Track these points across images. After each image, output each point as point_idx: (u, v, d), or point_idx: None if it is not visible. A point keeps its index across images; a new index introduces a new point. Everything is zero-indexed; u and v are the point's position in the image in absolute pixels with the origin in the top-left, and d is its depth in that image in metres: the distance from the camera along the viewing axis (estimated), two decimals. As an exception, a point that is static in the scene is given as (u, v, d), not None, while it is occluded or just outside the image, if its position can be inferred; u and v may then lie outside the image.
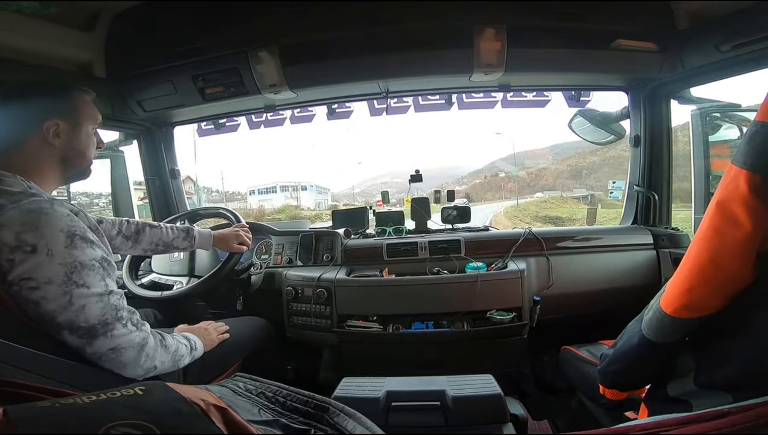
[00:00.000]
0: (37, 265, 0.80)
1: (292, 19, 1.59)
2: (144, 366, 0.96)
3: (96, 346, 0.88)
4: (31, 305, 0.81)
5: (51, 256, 0.81)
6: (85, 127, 1.04)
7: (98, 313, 0.87)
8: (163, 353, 1.03)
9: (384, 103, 2.16)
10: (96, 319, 0.87)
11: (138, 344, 0.95)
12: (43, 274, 0.80)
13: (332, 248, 1.97)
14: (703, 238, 0.69)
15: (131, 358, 0.93)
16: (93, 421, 0.31)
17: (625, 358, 0.91)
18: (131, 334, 0.94)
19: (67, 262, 0.83)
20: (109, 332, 0.89)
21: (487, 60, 1.61)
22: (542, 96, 2.15)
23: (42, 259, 0.80)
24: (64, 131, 0.98)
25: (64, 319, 0.83)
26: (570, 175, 35.11)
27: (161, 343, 1.03)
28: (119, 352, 0.91)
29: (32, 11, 1.31)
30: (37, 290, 0.80)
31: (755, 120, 0.64)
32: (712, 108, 1.89)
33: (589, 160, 39.70)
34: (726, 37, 1.40)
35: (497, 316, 1.64)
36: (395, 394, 0.84)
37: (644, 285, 1.83)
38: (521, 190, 39.80)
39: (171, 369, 1.07)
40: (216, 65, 1.68)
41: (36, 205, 0.83)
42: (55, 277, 0.81)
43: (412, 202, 2.18)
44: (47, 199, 0.88)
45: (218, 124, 2.30)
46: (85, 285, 0.85)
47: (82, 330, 0.85)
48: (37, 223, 0.81)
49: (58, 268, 0.82)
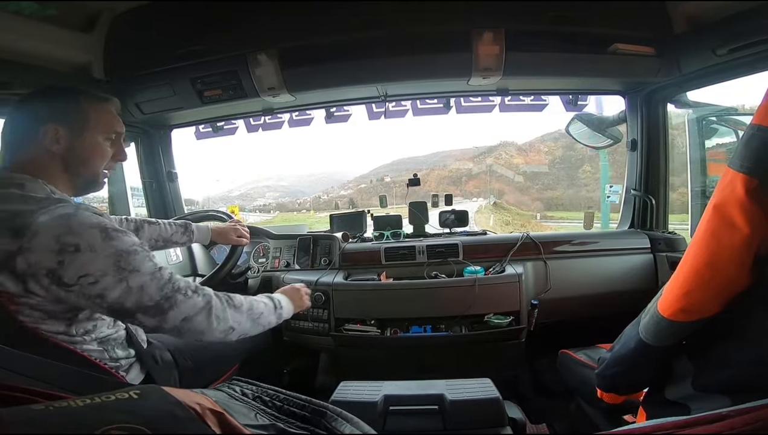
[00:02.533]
0: (87, 262, 0.82)
1: (291, 23, 1.59)
2: (219, 329, 0.98)
3: (170, 321, 0.91)
4: (98, 300, 0.84)
5: (94, 251, 0.83)
6: (91, 135, 1.00)
7: (157, 290, 0.90)
8: (234, 313, 1.03)
9: (382, 107, 2.16)
10: (158, 296, 0.89)
11: (203, 308, 0.96)
12: (96, 268, 0.83)
13: (330, 252, 1.96)
14: (700, 242, 0.69)
15: (203, 322, 0.96)
16: (87, 425, 0.31)
17: (622, 362, 0.90)
18: (193, 299, 0.95)
19: (111, 253, 0.85)
20: (174, 304, 0.92)
21: (485, 64, 1.61)
22: (540, 100, 2.16)
23: (88, 256, 0.82)
24: (64, 137, 0.96)
25: (131, 303, 0.86)
26: (451, 182, 35.63)
27: (228, 302, 1.03)
28: (190, 320, 0.94)
29: (31, 12, 1.31)
30: (97, 284, 0.83)
31: (752, 123, 0.64)
32: (708, 112, 1.90)
33: (468, 167, 40.47)
34: (722, 41, 1.41)
35: (495, 320, 1.64)
36: (393, 398, 0.84)
37: (641, 289, 1.83)
38: (405, 196, 40.91)
39: (254, 329, 1.09)
40: (215, 68, 1.68)
41: (63, 211, 0.84)
42: (106, 268, 0.84)
43: (410, 207, 2.18)
44: (72, 204, 0.89)
45: (216, 127, 2.30)
46: (135, 269, 0.87)
47: (151, 309, 0.89)
48: (69, 226, 0.82)
49: (106, 260, 0.84)
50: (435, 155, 54.09)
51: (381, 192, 40.56)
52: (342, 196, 40.08)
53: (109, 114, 1.04)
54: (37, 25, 1.37)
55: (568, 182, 32.95)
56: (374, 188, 41.11)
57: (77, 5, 1.50)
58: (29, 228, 0.80)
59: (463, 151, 53.81)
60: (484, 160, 41.74)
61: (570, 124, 2.17)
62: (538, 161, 38.01)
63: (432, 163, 48.60)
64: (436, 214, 2.23)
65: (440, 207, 2.23)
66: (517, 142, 43.90)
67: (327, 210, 28.42)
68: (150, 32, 1.63)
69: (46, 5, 1.33)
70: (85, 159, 1.00)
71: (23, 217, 0.81)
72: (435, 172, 44.62)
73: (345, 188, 44.04)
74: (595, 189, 30.64)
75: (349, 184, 45.03)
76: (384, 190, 41.16)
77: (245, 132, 2.35)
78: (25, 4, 1.28)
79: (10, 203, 0.84)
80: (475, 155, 45.37)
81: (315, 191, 44.22)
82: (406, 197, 2.21)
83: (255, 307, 1.10)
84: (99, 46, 1.63)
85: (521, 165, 37.82)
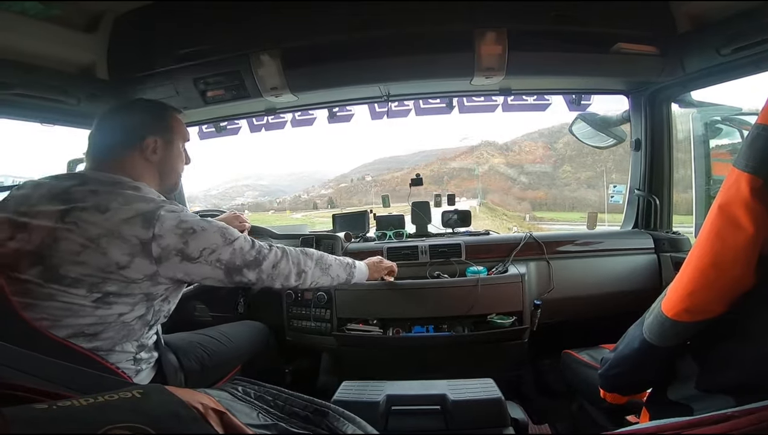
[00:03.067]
0: (203, 238, 1.01)
1: (294, 23, 1.59)
2: (294, 272, 1.19)
3: (265, 270, 1.12)
4: (218, 263, 1.04)
5: (205, 230, 1.02)
6: (177, 145, 1.18)
7: (250, 249, 1.10)
8: (305, 258, 1.23)
9: (385, 107, 2.16)
10: (254, 252, 1.11)
11: (282, 255, 1.17)
12: (210, 241, 1.02)
13: (333, 252, 1.96)
14: (705, 242, 0.68)
15: (286, 267, 1.17)
16: (90, 424, 0.31)
17: (626, 362, 0.90)
18: (273, 250, 1.16)
19: (214, 229, 1.05)
20: (263, 257, 1.12)
21: (488, 64, 1.61)
22: (543, 100, 2.15)
23: (203, 234, 1.01)
24: (160, 148, 1.12)
25: (240, 261, 1.07)
26: (432, 181, 35.66)
27: (300, 251, 1.24)
28: (277, 266, 1.15)
29: (35, 13, 1.32)
30: (216, 252, 1.03)
31: (756, 123, 0.64)
32: (712, 111, 1.89)
33: (450, 167, 40.38)
34: (726, 41, 1.40)
35: (498, 320, 1.63)
36: (395, 398, 0.84)
37: (645, 289, 1.82)
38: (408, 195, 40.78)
39: (323, 279, 1.29)
40: (217, 68, 1.68)
41: (174, 207, 1.01)
42: (217, 239, 1.04)
43: (412, 207, 2.17)
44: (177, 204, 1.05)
45: (219, 127, 2.31)
46: (234, 236, 1.08)
47: (252, 263, 1.09)
48: (182, 217, 1.00)
49: (214, 234, 1.04)
50: (417, 154, 53.91)
51: (362, 191, 40.33)
52: (323, 195, 39.73)
53: (182, 124, 1.21)
54: (40, 26, 1.37)
55: (548, 182, 32.79)
56: (355, 187, 40.98)
57: (81, 6, 1.51)
58: (158, 219, 0.95)
59: (445, 150, 53.51)
60: (465, 158, 41.64)
61: (573, 124, 2.17)
62: (518, 161, 37.95)
63: (414, 163, 48.47)
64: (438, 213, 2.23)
65: (443, 207, 2.22)
66: (498, 141, 43.71)
67: (305, 210, 28.31)
68: (153, 32, 1.64)
69: (50, 6, 1.34)
70: (174, 166, 1.18)
71: (151, 212, 0.96)
72: (416, 171, 44.76)
73: (326, 187, 43.89)
74: (576, 189, 30.45)
75: (330, 183, 44.86)
76: (364, 189, 41.01)
77: (248, 132, 2.35)
78: (29, 5, 1.28)
79: (136, 202, 0.97)
80: (457, 154, 45.23)
81: (296, 190, 43.77)
82: (408, 197, 2.21)
83: (325, 258, 1.29)
84: (102, 46, 1.63)
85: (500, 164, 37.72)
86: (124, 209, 0.95)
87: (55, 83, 1.53)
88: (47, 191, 0.98)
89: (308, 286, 1.25)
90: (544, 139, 37.42)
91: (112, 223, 0.92)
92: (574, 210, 25.94)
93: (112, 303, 0.94)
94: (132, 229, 0.93)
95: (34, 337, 0.85)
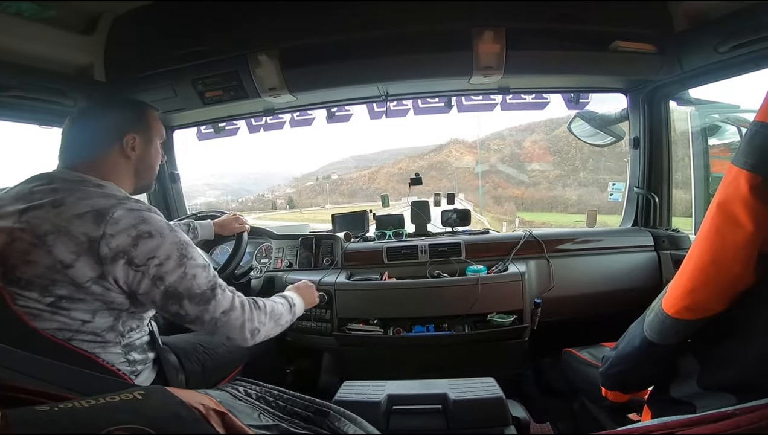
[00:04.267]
0: (157, 246, 0.94)
1: (292, 23, 1.59)
2: (248, 329, 1.06)
3: (211, 310, 1.00)
4: (158, 281, 0.94)
5: (164, 237, 0.95)
6: (155, 142, 1.15)
7: (205, 281, 1.00)
8: (260, 314, 1.11)
9: (383, 106, 2.16)
10: (205, 286, 1.00)
11: (239, 305, 1.06)
12: (163, 252, 0.94)
13: (332, 252, 1.97)
14: (705, 240, 0.68)
15: (239, 319, 1.04)
16: (92, 425, 0.31)
17: (627, 360, 0.90)
18: (232, 296, 1.06)
19: (176, 242, 0.97)
20: (217, 296, 1.02)
21: (486, 62, 1.60)
22: (541, 98, 2.15)
23: (159, 241, 0.94)
24: (138, 145, 1.09)
25: (183, 288, 0.97)
26: (401, 179, 35.21)
27: (254, 304, 1.11)
28: (229, 313, 1.03)
29: (31, 14, 1.31)
30: (162, 266, 0.94)
31: (755, 120, 0.64)
32: (711, 109, 1.89)
33: (418, 165, 40.18)
34: (724, 39, 1.40)
35: (498, 319, 1.63)
36: (396, 398, 0.84)
37: (645, 287, 1.82)
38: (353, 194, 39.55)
39: (275, 330, 1.16)
40: (216, 69, 1.68)
41: (138, 206, 0.96)
42: (171, 253, 0.96)
43: (412, 206, 2.18)
44: (145, 203, 1.01)
45: (218, 127, 2.31)
46: (192, 258, 0.99)
47: (198, 297, 0.99)
48: (144, 217, 0.94)
49: (172, 246, 0.96)
50: (385, 153, 53.47)
51: (328, 189, 39.79)
52: (287, 194, 39.07)
53: (159, 121, 1.18)
54: (37, 27, 1.37)
55: (517, 181, 32.68)
56: (320, 186, 40.62)
57: (78, 7, 1.50)
58: (112, 217, 0.91)
59: (413, 148, 53.14)
60: (433, 157, 41.36)
61: (572, 122, 2.17)
62: (486, 158, 37.77)
63: (381, 161, 48.03)
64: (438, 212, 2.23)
65: (442, 206, 2.23)
66: (467, 139, 43.40)
67: (264, 210, 28.04)
68: (151, 33, 1.63)
69: (46, 7, 1.33)
70: (151, 164, 1.15)
71: (106, 209, 0.92)
72: (384, 169, 44.14)
73: (291, 186, 43.43)
74: (552, 188, 30.29)
75: (297, 181, 44.39)
76: (331, 187, 40.62)
77: (247, 133, 2.35)
78: (25, 6, 1.28)
79: (93, 198, 0.94)
80: (425, 152, 44.91)
81: (261, 189, 43.05)
82: (408, 196, 2.21)
83: (275, 308, 1.17)
84: (100, 47, 1.63)
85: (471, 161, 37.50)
86: (79, 205, 0.91)
87: (53, 85, 1.53)
88: (15, 193, 0.96)
89: (255, 342, 1.10)
90: (512, 137, 37.30)
91: (62, 219, 0.89)
92: (553, 210, 25.62)
93: (68, 308, 0.90)
94: (82, 225, 0.89)
95: (34, 340, 0.85)
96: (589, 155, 24.83)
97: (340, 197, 39.54)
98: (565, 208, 25.06)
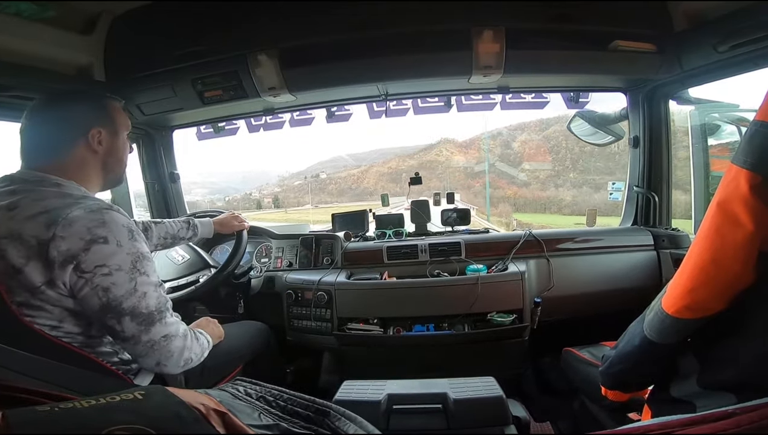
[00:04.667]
0: (110, 254, 0.89)
1: (291, 22, 1.59)
2: (184, 357, 1.03)
3: (152, 333, 0.95)
4: (101, 292, 0.89)
5: (120, 246, 0.90)
6: (121, 134, 1.11)
7: (155, 302, 0.96)
8: (196, 345, 1.08)
9: (383, 106, 2.16)
10: (153, 307, 0.95)
11: (183, 334, 1.02)
12: (115, 261, 0.89)
13: (332, 251, 1.97)
14: (704, 239, 0.68)
15: (179, 347, 1.01)
16: (92, 426, 0.31)
17: (627, 359, 0.90)
18: (178, 324, 1.02)
19: (132, 252, 0.92)
20: (163, 319, 0.97)
21: (486, 62, 1.61)
22: (541, 97, 2.15)
23: (113, 249, 0.89)
24: (105, 138, 1.05)
25: (129, 304, 0.91)
26: (390, 179, 34.93)
27: (194, 335, 1.09)
28: (170, 339, 0.99)
29: (30, 14, 1.31)
30: (110, 276, 0.89)
31: (755, 119, 0.64)
32: (710, 108, 1.89)
33: (408, 164, 39.97)
34: (723, 38, 1.40)
35: (498, 319, 1.63)
36: (397, 397, 0.84)
37: (645, 286, 1.82)
38: (341, 194, 39.29)
39: (195, 364, 1.10)
40: (215, 68, 1.68)
41: (98, 206, 0.91)
42: (123, 264, 0.90)
43: (412, 205, 2.18)
44: (106, 202, 0.96)
45: (217, 127, 2.30)
46: (146, 273, 0.94)
47: (142, 316, 0.93)
48: (103, 220, 0.89)
49: (126, 257, 0.91)
50: (375, 152, 53.33)
51: (315, 189, 39.45)
52: (275, 193, 38.73)
53: (123, 113, 1.13)
54: (36, 27, 1.36)
55: (508, 180, 32.65)
56: (308, 185, 40.48)
57: (77, 7, 1.50)
58: (65, 219, 0.86)
59: (404, 147, 52.85)
60: (424, 156, 41.22)
61: (572, 122, 2.17)
62: (477, 158, 37.68)
63: (372, 160, 47.95)
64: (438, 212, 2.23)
65: (442, 205, 2.23)
66: (457, 139, 43.26)
67: (250, 210, 27.79)
68: (150, 33, 1.63)
69: (45, 7, 1.33)
70: (120, 157, 1.11)
71: (60, 209, 0.87)
72: (374, 168, 44.00)
73: (279, 185, 43.18)
74: (544, 188, 30.22)
75: (285, 180, 44.14)
76: (319, 187, 40.40)
77: (246, 132, 2.35)
78: (24, 6, 1.27)
79: (48, 199, 0.90)
80: (415, 152, 44.71)
81: (249, 188, 42.78)
82: (407, 195, 2.21)
83: (203, 343, 1.13)
84: (99, 47, 1.62)
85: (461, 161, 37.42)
86: (33, 206, 0.87)
87: (53, 85, 1.52)
88: None
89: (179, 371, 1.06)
90: (502, 138, 37.32)
91: (15, 222, 0.85)
92: (547, 211, 25.53)
93: (31, 316, 0.87)
94: (33, 228, 0.85)
95: (33, 340, 0.85)
96: (580, 155, 24.71)
97: (328, 196, 39.29)
98: (560, 208, 25.02)
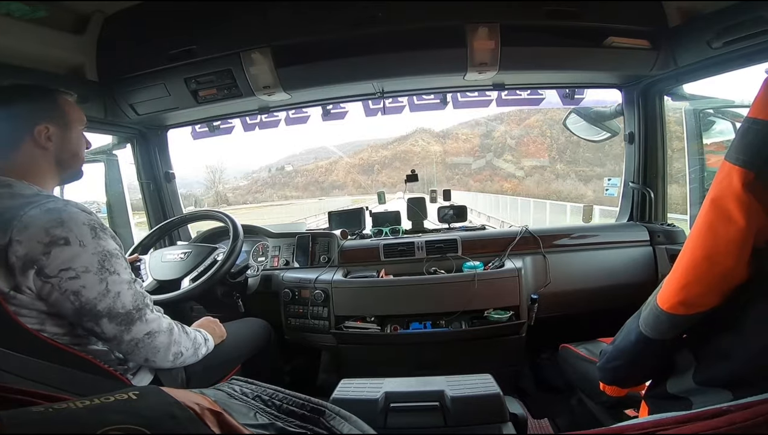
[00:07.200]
0: (73, 256, 0.84)
1: (285, 20, 1.58)
2: (173, 351, 1.02)
3: (134, 332, 0.94)
4: (72, 296, 0.85)
5: (83, 246, 0.86)
6: (74, 128, 1.05)
7: (131, 300, 0.93)
8: (186, 339, 1.08)
9: (379, 104, 2.16)
10: (131, 305, 0.93)
11: (167, 329, 1.01)
12: (80, 263, 0.85)
13: (329, 250, 1.96)
14: (698, 235, 0.69)
15: (164, 342, 0.99)
16: (86, 426, 0.31)
17: (623, 355, 0.91)
18: (160, 319, 1.00)
19: (98, 251, 0.88)
20: (144, 317, 0.95)
21: (481, 59, 1.61)
22: (536, 94, 2.15)
23: (76, 250, 0.85)
24: (55, 134, 0.99)
25: (104, 306, 0.89)
26: (361, 170, 34.48)
27: (182, 329, 1.08)
28: (154, 336, 0.97)
29: (21, 14, 1.30)
30: (78, 279, 0.85)
31: (747, 116, 0.64)
32: (705, 104, 1.90)
33: (381, 154, 39.42)
34: (717, 34, 1.41)
35: (495, 315, 1.64)
36: (394, 395, 0.84)
37: (641, 282, 1.83)
38: (306, 187, 38.70)
39: (192, 359, 1.11)
40: (209, 67, 1.67)
41: (54, 205, 0.87)
42: (90, 265, 0.87)
43: (408, 202, 2.17)
44: (62, 199, 0.92)
45: (212, 126, 2.29)
46: (116, 272, 0.91)
47: (120, 316, 0.91)
48: (61, 219, 0.85)
49: (92, 257, 0.87)
50: (348, 144, 52.80)
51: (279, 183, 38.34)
52: (239, 187, 37.83)
53: (76, 107, 1.08)
54: (28, 27, 1.36)
55: (490, 171, 32.42)
56: (272, 178, 39.76)
57: (68, 7, 1.49)
58: (20, 221, 0.82)
59: (377, 139, 52.15)
60: (397, 147, 40.52)
61: (567, 118, 2.18)
62: (455, 148, 37.07)
63: (343, 152, 47.54)
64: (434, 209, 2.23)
65: (438, 202, 2.23)
66: (434, 129, 42.54)
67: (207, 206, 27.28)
68: (142, 33, 1.62)
69: (36, 7, 1.32)
70: (75, 151, 1.05)
71: (12, 211, 0.83)
72: (343, 160, 43.41)
73: (247, 178, 42.55)
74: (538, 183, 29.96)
75: (253, 174, 43.52)
76: (284, 180, 39.63)
77: (242, 131, 2.34)
78: (15, 6, 1.26)
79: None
80: (389, 142, 44.01)
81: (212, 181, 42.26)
82: (405, 193, 2.21)
83: (197, 338, 1.13)
84: (91, 47, 1.62)
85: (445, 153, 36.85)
86: None
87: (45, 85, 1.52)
88: None
89: (173, 366, 1.06)
90: (481, 127, 36.88)
91: None
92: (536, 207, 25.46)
93: None
94: None
95: (29, 342, 0.84)
96: (566, 145, 24.82)
97: (293, 191, 38.33)
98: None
